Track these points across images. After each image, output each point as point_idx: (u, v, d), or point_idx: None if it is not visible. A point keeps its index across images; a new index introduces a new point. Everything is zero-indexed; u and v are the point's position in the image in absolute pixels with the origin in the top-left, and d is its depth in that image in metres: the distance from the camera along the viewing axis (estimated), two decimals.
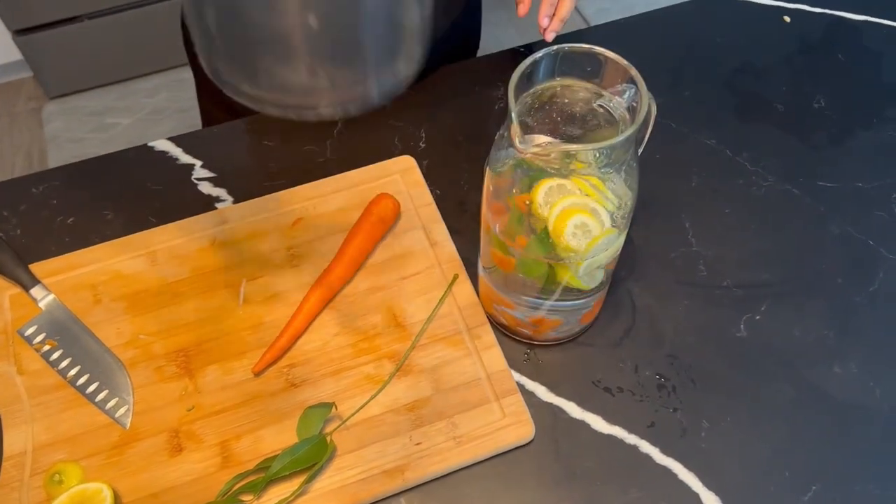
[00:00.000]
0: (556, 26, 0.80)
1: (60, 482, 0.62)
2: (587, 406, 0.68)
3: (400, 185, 0.81)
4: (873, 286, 0.74)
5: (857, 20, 0.96)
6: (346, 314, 0.72)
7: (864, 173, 0.82)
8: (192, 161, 0.84)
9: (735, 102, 0.89)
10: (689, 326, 0.72)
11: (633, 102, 0.56)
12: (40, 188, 0.83)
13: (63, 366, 0.69)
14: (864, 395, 0.68)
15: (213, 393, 0.68)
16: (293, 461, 0.62)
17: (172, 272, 0.75)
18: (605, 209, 0.57)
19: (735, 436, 0.66)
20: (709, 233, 0.78)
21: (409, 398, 0.67)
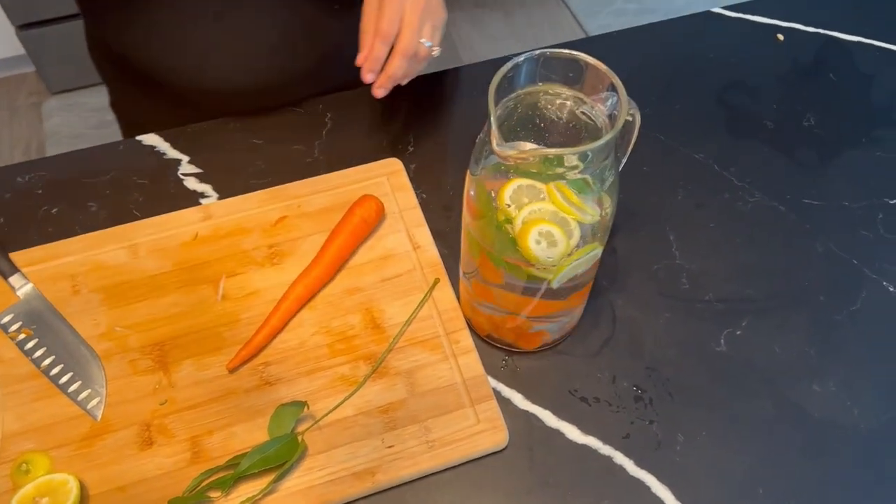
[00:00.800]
0: (383, 82, 0.73)
1: (27, 472, 0.62)
2: (563, 415, 0.68)
3: (386, 187, 0.80)
4: (855, 305, 0.74)
5: (849, 41, 0.96)
6: (324, 314, 0.72)
7: (851, 193, 0.82)
8: (180, 156, 0.84)
9: (725, 118, 0.89)
10: (669, 339, 0.72)
11: (615, 110, 0.56)
12: (26, 177, 0.83)
13: (37, 355, 0.69)
14: (842, 413, 0.68)
15: (186, 388, 0.67)
16: (263, 459, 0.62)
17: (153, 265, 0.75)
18: (574, 220, 0.56)
19: (710, 451, 0.66)
20: (693, 246, 0.78)
21: (383, 400, 0.67)
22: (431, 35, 0.73)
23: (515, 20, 2.31)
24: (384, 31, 0.70)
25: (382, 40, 0.70)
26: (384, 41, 0.70)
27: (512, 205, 0.57)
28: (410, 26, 0.70)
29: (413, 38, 0.71)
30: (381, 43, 0.70)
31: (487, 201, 0.59)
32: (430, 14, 0.72)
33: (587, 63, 0.55)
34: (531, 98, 0.58)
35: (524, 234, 0.56)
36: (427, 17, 0.72)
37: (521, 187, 0.57)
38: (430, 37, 0.72)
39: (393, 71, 0.71)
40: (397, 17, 0.70)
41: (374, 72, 0.72)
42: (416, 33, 0.71)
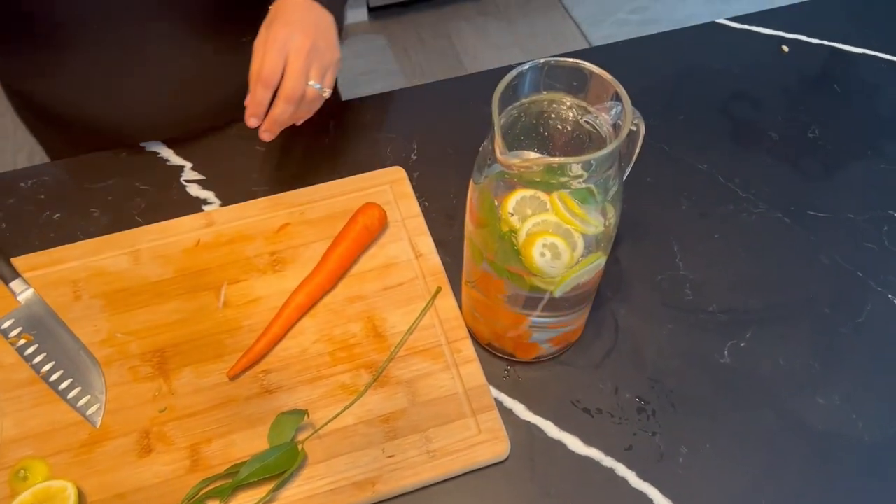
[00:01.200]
0: (268, 127, 0.71)
1: (25, 478, 0.61)
2: (565, 426, 0.67)
3: (389, 195, 0.80)
4: (860, 318, 0.73)
5: (854, 52, 0.96)
6: (325, 322, 0.71)
7: (856, 204, 0.81)
8: (183, 163, 0.84)
9: (729, 128, 0.88)
10: (672, 350, 0.71)
11: (619, 120, 0.56)
12: (29, 183, 0.83)
13: (37, 361, 0.69)
14: (846, 426, 0.67)
15: (186, 395, 0.67)
16: (262, 468, 0.61)
17: (155, 272, 0.74)
18: (577, 232, 0.56)
19: (713, 463, 0.65)
20: (697, 257, 0.77)
21: (384, 410, 0.66)
22: (320, 77, 0.71)
23: (519, 29, 2.31)
24: (265, 76, 0.68)
25: (264, 86, 0.68)
26: (265, 86, 0.68)
27: (515, 215, 0.56)
28: (295, 70, 0.68)
29: (297, 82, 0.68)
30: (263, 88, 0.68)
31: (490, 210, 0.58)
32: (317, 56, 0.70)
33: (592, 72, 0.54)
34: (535, 107, 0.58)
35: (528, 246, 0.56)
36: (314, 59, 0.70)
37: (525, 198, 0.57)
38: (318, 79, 0.70)
39: (277, 115, 0.70)
40: (280, 61, 0.68)
41: (257, 116, 0.70)
42: (300, 77, 0.69)
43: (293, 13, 0.70)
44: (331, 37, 0.72)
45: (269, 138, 0.72)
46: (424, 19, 2.36)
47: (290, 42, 0.68)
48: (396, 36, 2.31)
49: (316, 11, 0.72)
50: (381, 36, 2.29)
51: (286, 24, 0.69)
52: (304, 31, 0.69)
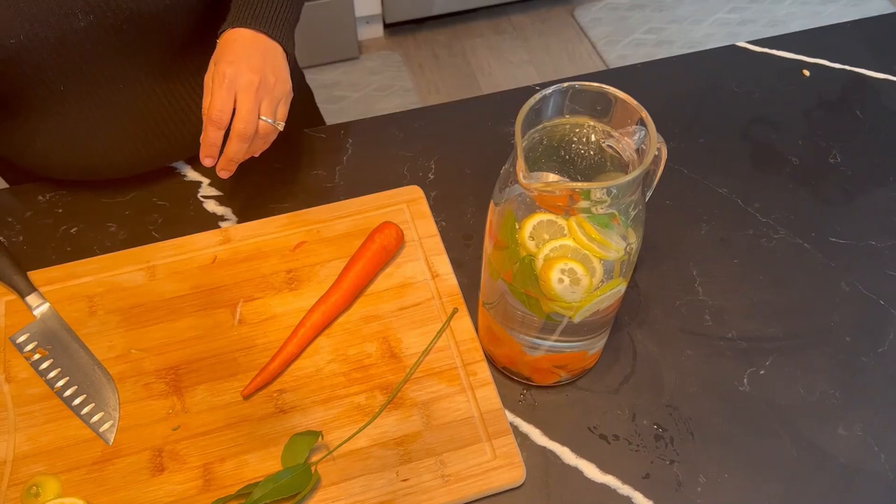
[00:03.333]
0: (224, 165, 0.70)
1: (37, 495, 0.61)
2: (582, 452, 0.66)
3: (406, 214, 0.80)
4: (882, 347, 0.72)
5: (876, 78, 0.95)
6: (341, 341, 0.71)
7: (878, 231, 0.80)
8: (200, 178, 0.84)
9: (749, 152, 0.88)
10: (690, 377, 0.70)
11: (642, 144, 0.55)
12: (47, 196, 0.83)
13: (51, 376, 0.68)
14: (868, 459, 0.66)
15: (200, 413, 0.67)
16: (275, 489, 0.61)
17: (170, 288, 0.74)
18: (596, 257, 0.55)
19: (732, 493, 0.64)
20: (716, 282, 0.77)
21: (398, 432, 0.66)
22: (272, 112, 0.70)
23: (534, 47, 2.32)
24: (215, 117, 0.67)
25: (214, 126, 0.68)
26: (216, 126, 0.68)
27: (533, 241, 0.56)
28: (245, 108, 0.68)
29: (248, 120, 0.68)
30: (214, 129, 0.68)
31: (510, 231, 0.58)
32: (266, 91, 0.69)
33: (616, 97, 0.54)
34: (557, 130, 0.57)
35: (546, 271, 0.56)
36: (264, 94, 0.69)
37: (542, 223, 0.56)
38: (269, 114, 0.70)
39: (232, 154, 0.69)
40: (229, 100, 0.67)
41: (211, 157, 0.69)
42: (251, 114, 0.68)
43: (239, 48, 0.69)
44: (280, 69, 0.71)
45: (225, 176, 0.71)
46: (440, 37, 2.37)
47: (238, 79, 0.68)
48: (412, 53, 2.32)
49: (262, 43, 0.71)
50: (396, 53, 2.30)
51: (232, 62, 0.68)
52: (252, 66, 0.68)
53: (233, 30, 0.71)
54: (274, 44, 0.72)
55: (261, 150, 0.72)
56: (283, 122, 0.72)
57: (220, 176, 0.71)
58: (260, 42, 0.71)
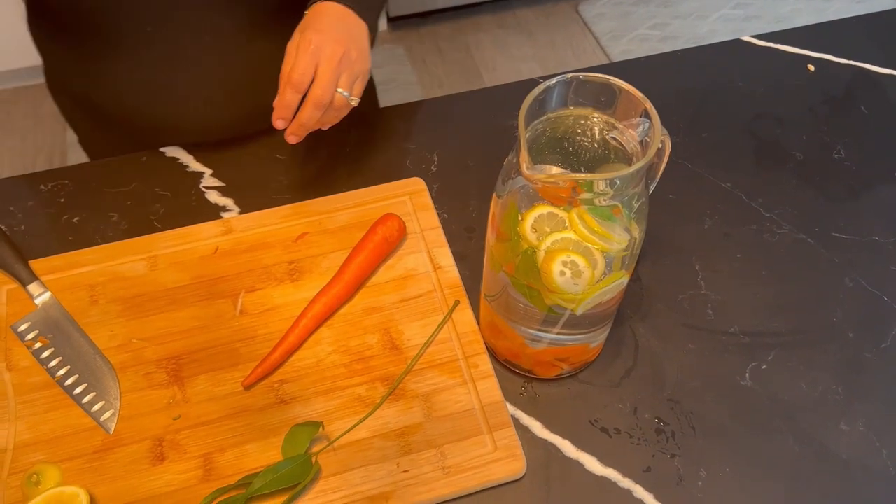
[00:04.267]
0: (294, 130, 0.71)
1: (38, 483, 0.61)
2: (582, 445, 0.66)
3: (408, 206, 0.80)
4: (885, 343, 0.72)
5: (881, 73, 0.95)
6: (342, 333, 0.71)
7: (882, 227, 0.80)
8: (203, 169, 0.84)
9: (753, 147, 0.87)
10: (692, 371, 0.70)
11: (646, 137, 0.55)
12: (49, 185, 0.83)
13: (52, 365, 0.68)
14: (870, 455, 0.66)
15: (200, 403, 0.67)
16: (276, 479, 0.61)
17: (172, 278, 0.74)
18: (598, 250, 0.55)
19: (733, 488, 0.64)
20: (719, 277, 0.76)
21: (399, 423, 0.65)
22: (349, 86, 0.71)
23: (538, 42, 2.31)
24: (295, 80, 0.68)
25: (293, 89, 0.68)
26: (295, 90, 0.68)
27: (534, 233, 0.56)
28: (325, 76, 0.68)
29: (326, 88, 0.68)
30: (292, 91, 0.68)
31: (513, 223, 0.58)
32: (348, 65, 0.70)
33: (620, 88, 0.54)
34: (561, 121, 0.57)
35: (548, 264, 0.55)
36: (345, 67, 0.70)
37: (543, 215, 0.56)
38: (347, 87, 0.70)
39: (304, 119, 0.69)
40: (311, 66, 0.68)
41: (284, 119, 0.70)
42: (330, 84, 0.69)
43: (328, 20, 0.71)
44: (363, 46, 0.73)
45: (294, 141, 0.72)
46: (443, 31, 2.36)
47: (322, 48, 0.69)
48: (415, 47, 2.31)
49: (350, 20, 0.72)
50: (399, 46, 2.29)
51: (319, 31, 0.69)
52: (338, 38, 0.70)
53: (323, 2, 0.72)
54: (361, 22, 0.73)
55: (331, 122, 0.73)
56: (358, 98, 0.72)
57: (289, 140, 0.72)
58: (348, 18, 0.72)
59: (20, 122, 2.13)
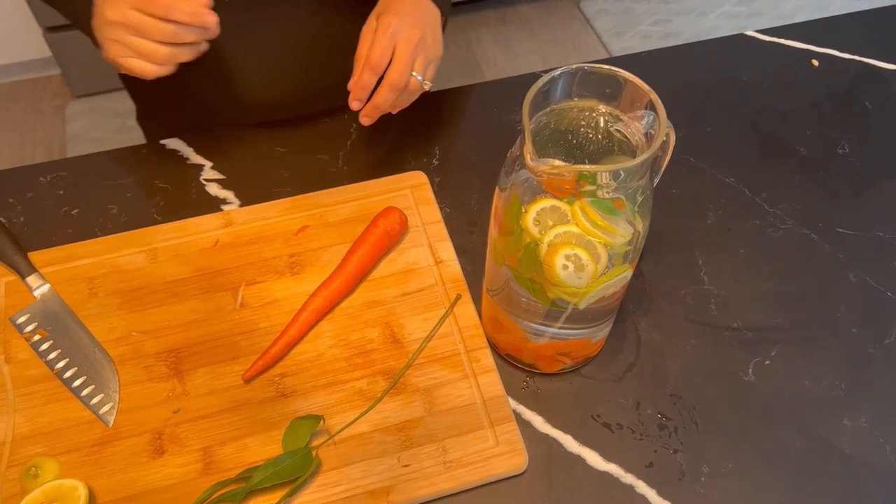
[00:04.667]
0: (369, 112, 0.72)
1: (36, 476, 0.61)
2: (584, 440, 0.66)
3: (409, 200, 0.79)
4: (889, 339, 0.72)
5: (886, 69, 0.95)
6: (343, 326, 0.70)
7: (886, 223, 0.80)
8: (203, 162, 0.84)
9: (757, 142, 0.87)
10: (695, 366, 0.70)
11: (651, 129, 0.55)
12: (48, 177, 0.82)
13: (51, 357, 0.68)
14: (873, 451, 0.65)
15: (200, 397, 0.66)
16: (276, 473, 0.60)
17: (172, 271, 0.74)
18: (600, 243, 0.55)
19: (736, 483, 0.63)
20: (722, 272, 0.76)
21: (400, 418, 0.65)
22: (423, 69, 0.72)
23: (539, 38, 2.30)
24: (373, 61, 0.69)
25: (371, 70, 0.69)
26: (373, 71, 0.69)
27: (537, 227, 0.55)
28: (402, 59, 0.69)
29: (403, 71, 0.70)
30: (370, 73, 0.69)
31: (516, 217, 0.57)
32: (423, 49, 0.71)
33: (626, 79, 0.53)
34: (565, 113, 0.56)
35: (551, 257, 0.55)
36: (420, 51, 0.71)
37: (546, 209, 0.55)
38: (421, 71, 0.72)
39: (380, 101, 0.71)
40: (389, 48, 0.69)
41: (360, 100, 0.71)
42: (406, 66, 0.70)
43: (405, 4, 0.72)
44: (437, 32, 0.74)
45: (368, 123, 0.73)
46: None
47: (400, 32, 0.69)
48: None
49: (426, 5, 0.74)
50: None
51: (397, 14, 0.70)
52: (415, 22, 0.71)
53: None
54: (435, 9, 0.75)
55: (402, 106, 0.74)
56: (430, 83, 0.73)
57: (363, 122, 0.73)
58: (424, 4, 0.74)
59: (20, 117, 2.12)
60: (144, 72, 0.68)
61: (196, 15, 0.66)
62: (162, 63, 0.67)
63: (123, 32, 0.66)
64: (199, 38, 0.68)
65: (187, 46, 0.68)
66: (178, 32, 0.66)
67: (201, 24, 0.67)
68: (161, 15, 0.65)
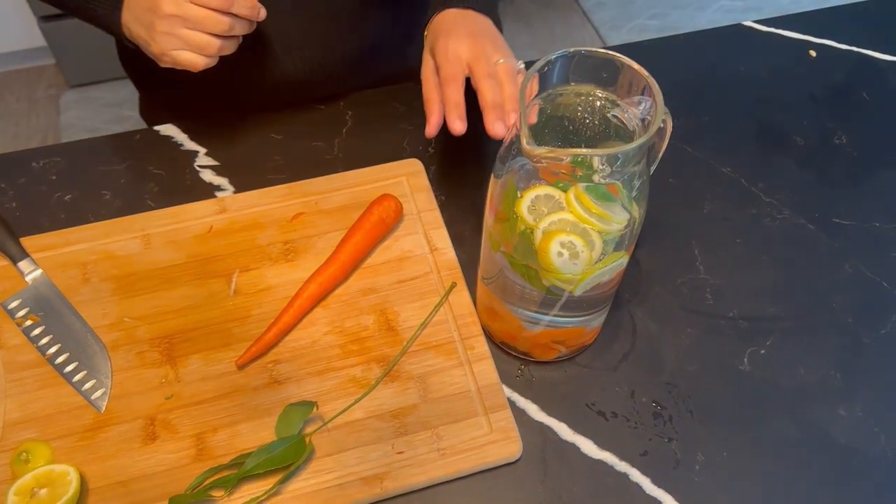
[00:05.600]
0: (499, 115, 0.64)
1: (27, 461, 0.60)
2: (579, 428, 0.65)
3: (405, 187, 0.79)
4: (885, 329, 0.72)
5: (883, 60, 0.94)
6: (337, 313, 0.70)
7: (882, 213, 0.80)
8: (197, 148, 0.83)
9: (754, 132, 0.87)
10: (690, 355, 0.70)
11: (648, 115, 0.54)
12: (41, 163, 0.82)
13: (43, 342, 0.68)
14: (868, 440, 0.65)
15: (193, 383, 0.66)
16: (269, 459, 0.60)
17: (165, 257, 0.73)
18: (595, 230, 0.54)
19: (730, 472, 0.63)
20: (718, 261, 0.76)
21: (394, 405, 0.65)
22: (501, 54, 0.67)
23: (537, 31, 2.30)
24: (448, 75, 0.65)
25: (450, 84, 0.65)
26: (452, 82, 0.65)
27: (531, 214, 0.55)
28: (475, 58, 0.66)
29: (484, 63, 0.65)
30: (449, 85, 0.65)
31: (511, 203, 0.57)
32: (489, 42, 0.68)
33: (623, 63, 0.53)
34: (562, 98, 0.56)
35: (545, 244, 0.55)
36: (487, 44, 0.67)
37: (540, 196, 0.55)
38: (502, 54, 0.67)
39: (490, 95, 0.64)
40: (457, 63, 0.66)
41: (461, 118, 0.65)
42: (483, 58, 0.66)
43: (448, 24, 0.70)
44: (491, 35, 0.70)
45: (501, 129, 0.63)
46: None
47: (459, 47, 0.66)
48: None
49: (470, 16, 0.71)
50: None
51: (447, 34, 0.68)
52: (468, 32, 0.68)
53: (438, 14, 0.72)
54: (482, 16, 0.72)
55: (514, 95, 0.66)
56: (514, 60, 0.68)
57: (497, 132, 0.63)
58: (467, 15, 0.71)
59: (14, 106, 2.11)
60: (195, 64, 0.69)
61: (254, 8, 0.69)
62: (213, 55, 0.69)
63: (179, 25, 0.67)
64: (249, 31, 0.70)
65: (234, 38, 0.70)
66: (234, 25, 0.68)
67: (256, 17, 0.69)
68: (222, 7, 0.66)
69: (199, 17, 0.66)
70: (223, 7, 0.66)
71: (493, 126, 0.63)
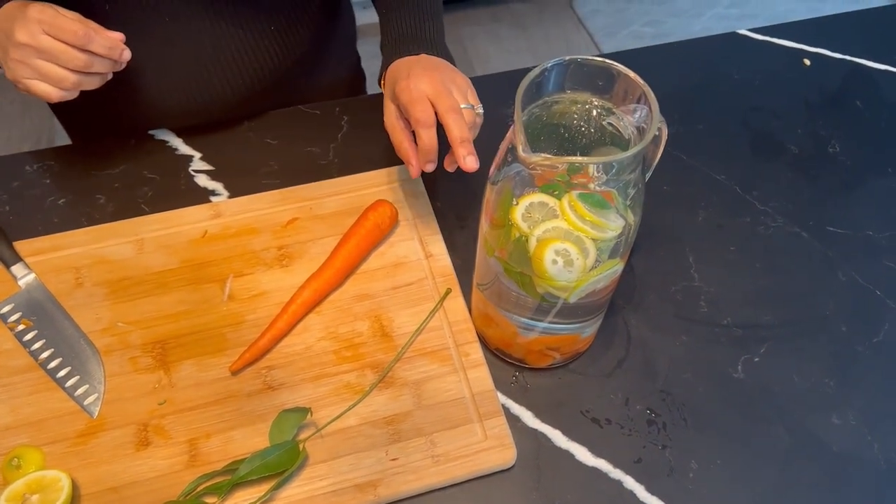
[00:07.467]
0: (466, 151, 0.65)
1: (18, 467, 0.60)
2: (573, 436, 0.65)
3: (400, 193, 0.79)
4: (878, 337, 0.72)
5: (877, 69, 0.95)
6: (332, 319, 0.70)
7: (876, 222, 0.80)
8: (192, 152, 0.83)
9: (748, 140, 0.87)
10: (684, 363, 0.70)
11: (643, 123, 0.54)
12: (35, 167, 0.81)
13: (36, 347, 0.67)
14: (861, 448, 0.65)
15: (186, 388, 0.65)
16: (262, 466, 0.60)
17: (159, 262, 0.73)
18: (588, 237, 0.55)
19: (724, 479, 0.63)
20: (712, 269, 0.76)
21: (388, 411, 0.65)
22: (464, 98, 0.68)
23: (532, 36, 2.30)
24: (420, 119, 0.65)
25: (423, 126, 0.65)
26: (425, 127, 0.65)
27: (525, 222, 0.55)
28: (440, 96, 0.66)
29: (451, 101, 0.66)
30: (424, 130, 0.65)
31: (507, 211, 0.57)
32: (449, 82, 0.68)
33: (619, 72, 0.53)
34: (557, 106, 0.56)
35: (540, 251, 0.55)
36: (448, 85, 0.68)
37: (534, 204, 0.55)
38: (463, 100, 0.68)
39: (460, 133, 0.64)
40: (423, 103, 0.66)
41: (432, 161, 0.67)
42: (449, 95, 0.66)
43: (405, 68, 0.69)
44: (449, 69, 0.71)
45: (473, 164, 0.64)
46: None
47: (419, 86, 0.66)
48: None
49: (423, 59, 0.71)
50: None
51: (406, 77, 0.67)
52: (424, 70, 0.68)
53: (394, 63, 0.72)
54: (434, 57, 0.72)
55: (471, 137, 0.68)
56: (479, 106, 0.69)
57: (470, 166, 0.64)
58: (421, 59, 0.71)
59: (7, 109, 2.10)
60: (49, 95, 0.67)
61: (113, 49, 0.66)
62: (69, 89, 0.67)
63: (32, 55, 0.64)
64: (109, 70, 0.68)
65: (98, 75, 0.68)
66: (91, 63, 0.66)
67: (117, 58, 0.67)
68: (77, 44, 0.64)
69: (54, 51, 0.64)
70: (78, 43, 0.64)
71: (464, 161, 0.64)
